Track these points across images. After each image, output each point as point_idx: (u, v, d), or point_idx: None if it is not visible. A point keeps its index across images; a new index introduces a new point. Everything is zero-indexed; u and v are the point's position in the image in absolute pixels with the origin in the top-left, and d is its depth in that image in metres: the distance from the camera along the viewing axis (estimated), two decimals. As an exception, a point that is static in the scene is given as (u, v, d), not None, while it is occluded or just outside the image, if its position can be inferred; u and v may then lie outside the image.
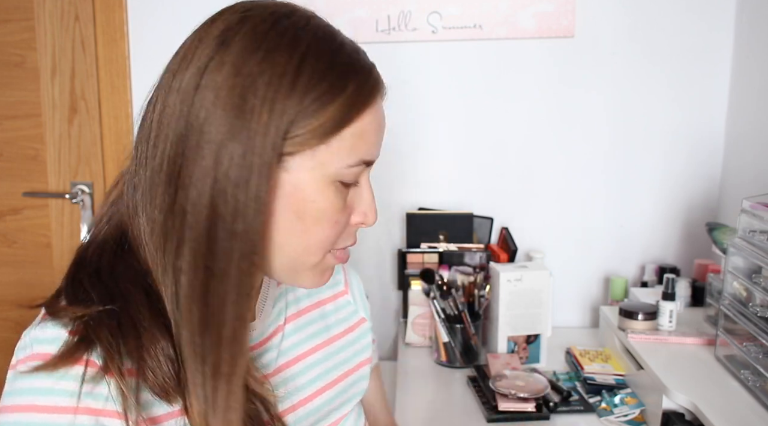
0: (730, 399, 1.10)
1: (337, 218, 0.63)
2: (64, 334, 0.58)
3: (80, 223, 1.82)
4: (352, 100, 0.60)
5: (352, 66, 0.62)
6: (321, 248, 0.64)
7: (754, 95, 1.51)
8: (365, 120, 0.62)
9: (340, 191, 0.63)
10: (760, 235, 1.14)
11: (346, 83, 0.60)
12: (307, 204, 0.61)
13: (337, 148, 0.61)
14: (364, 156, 0.63)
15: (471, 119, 1.69)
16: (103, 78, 1.75)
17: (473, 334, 1.45)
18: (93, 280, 0.62)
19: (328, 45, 0.61)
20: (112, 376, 0.57)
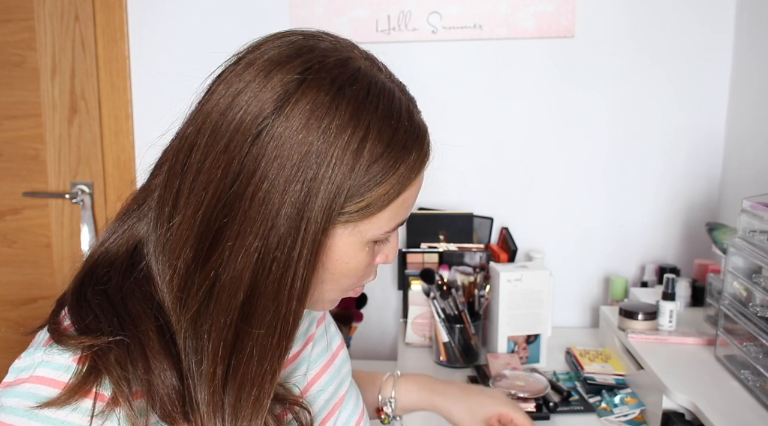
0: (730, 399, 1.10)
1: (364, 274, 0.65)
2: (72, 362, 0.56)
3: (80, 223, 1.82)
4: (404, 178, 0.61)
5: (408, 141, 0.61)
6: (344, 293, 0.67)
7: (754, 95, 1.51)
8: (411, 190, 0.63)
9: (371, 249, 0.64)
10: (760, 235, 1.14)
11: (401, 161, 0.60)
12: (339, 264, 0.62)
13: (380, 218, 0.61)
14: (401, 220, 0.64)
15: (471, 119, 1.69)
16: (103, 78, 1.75)
17: (473, 334, 1.45)
18: (101, 301, 0.60)
19: (387, 120, 0.59)
20: (122, 408, 0.55)
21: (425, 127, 0.65)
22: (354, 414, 0.81)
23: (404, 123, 0.61)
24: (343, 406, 0.79)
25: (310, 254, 0.58)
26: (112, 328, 0.57)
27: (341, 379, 0.81)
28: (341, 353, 0.85)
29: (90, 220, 1.81)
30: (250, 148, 0.56)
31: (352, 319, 1.51)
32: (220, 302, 0.57)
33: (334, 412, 0.77)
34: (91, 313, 0.59)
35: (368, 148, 0.57)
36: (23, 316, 1.88)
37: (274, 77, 0.57)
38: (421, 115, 0.66)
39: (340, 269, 0.62)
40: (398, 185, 0.60)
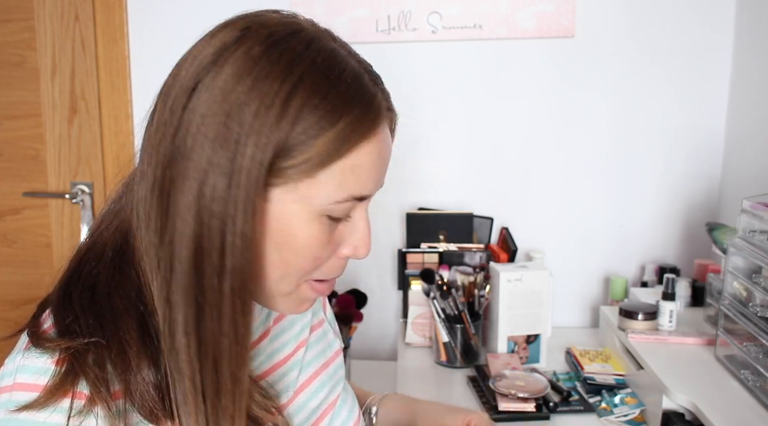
0: (730, 399, 1.10)
1: (318, 253, 0.60)
2: (50, 364, 0.56)
3: (80, 223, 1.82)
4: (344, 134, 0.56)
5: (348, 97, 0.57)
6: (295, 279, 0.61)
7: (754, 95, 1.51)
8: (359, 154, 0.58)
9: (327, 226, 0.59)
10: (760, 235, 1.14)
11: (339, 116, 0.56)
12: (287, 237, 0.58)
13: (325, 182, 0.57)
14: (355, 191, 0.59)
15: (471, 119, 1.69)
16: (103, 78, 1.75)
17: (473, 334, 1.44)
18: (86, 300, 0.59)
19: (325, 73, 0.57)
20: (100, 407, 0.55)
21: (378, 94, 0.60)
22: (349, 420, 0.81)
23: (347, 80, 0.57)
24: (336, 411, 0.79)
25: (247, 213, 0.55)
26: (91, 328, 0.57)
27: (334, 383, 0.81)
28: (338, 359, 0.84)
29: (90, 220, 1.81)
30: (187, 103, 0.56)
31: (352, 319, 1.51)
32: (176, 280, 0.56)
33: (325, 416, 0.77)
34: (72, 314, 0.58)
35: (299, 97, 0.55)
36: (23, 316, 1.85)
37: (217, 35, 0.58)
38: (379, 89, 0.61)
39: (287, 242, 0.58)
40: (337, 143, 0.56)
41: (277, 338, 0.75)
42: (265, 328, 0.75)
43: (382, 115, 0.60)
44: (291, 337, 0.77)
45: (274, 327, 0.75)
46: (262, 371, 0.71)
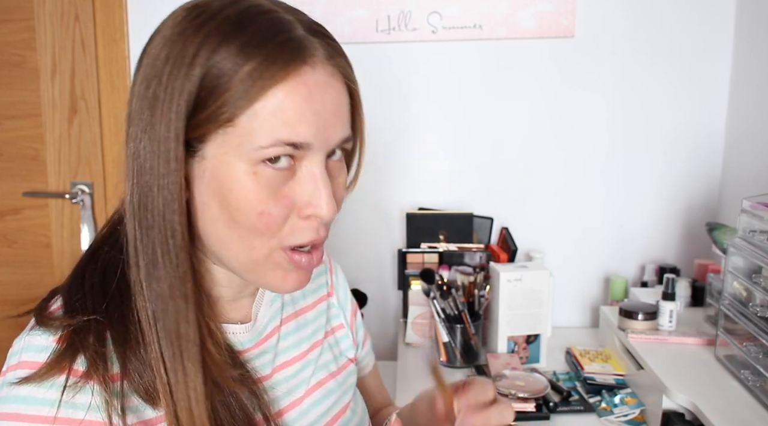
0: (730, 399, 1.10)
1: (262, 208, 0.58)
2: (52, 342, 0.58)
3: (80, 223, 1.82)
4: (255, 74, 0.56)
5: (258, 40, 0.56)
6: (259, 243, 0.60)
7: (754, 95, 1.51)
8: (277, 96, 0.57)
9: (265, 177, 0.58)
10: (760, 235, 1.14)
11: (247, 58, 0.56)
12: (225, 192, 0.58)
13: (247, 128, 0.57)
14: (283, 136, 0.57)
15: (471, 119, 1.69)
16: (103, 78, 1.75)
17: (473, 334, 1.45)
18: (96, 280, 0.62)
19: (236, 23, 0.57)
20: (95, 382, 0.56)
21: (303, 39, 0.59)
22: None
23: (260, 26, 0.57)
24: (344, 421, 0.79)
25: (170, 168, 0.57)
26: (96, 306, 0.59)
27: (343, 391, 0.81)
28: (349, 367, 0.84)
29: (90, 220, 1.81)
30: (137, 69, 0.60)
31: (352, 319, 1.51)
32: (131, 244, 0.59)
33: (334, 422, 0.77)
34: (81, 293, 0.60)
35: (208, 48, 0.56)
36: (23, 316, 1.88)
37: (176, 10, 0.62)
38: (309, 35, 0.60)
39: (227, 198, 0.58)
40: (248, 84, 0.56)
41: (288, 336, 0.76)
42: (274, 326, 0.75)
43: (305, 57, 0.58)
44: (305, 337, 0.78)
45: (282, 327, 0.76)
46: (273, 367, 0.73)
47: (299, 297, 0.81)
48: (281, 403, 0.72)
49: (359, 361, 0.91)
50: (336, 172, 0.64)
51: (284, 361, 0.75)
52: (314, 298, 0.84)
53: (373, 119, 0.79)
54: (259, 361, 0.72)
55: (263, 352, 0.73)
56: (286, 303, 0.79)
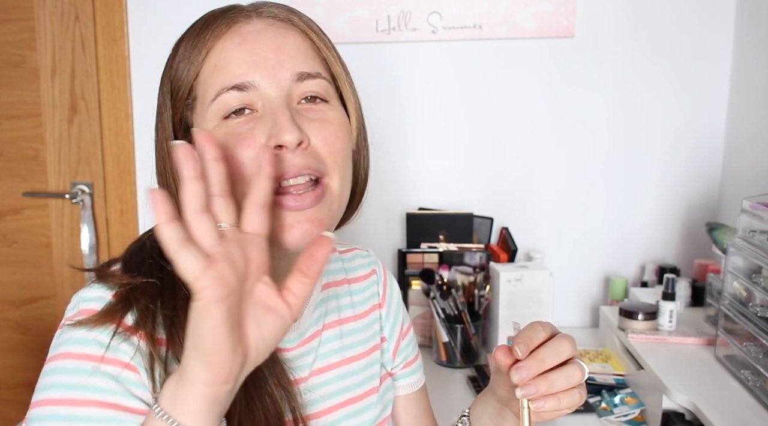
0: (730, 399, 1.10)
1: (231, 154, 0.60)
2: (109, 295, 0.62)
3: (80, 223, 1.82)
4: (195, 43, 0.64)
5: (203, 20, 0.66)
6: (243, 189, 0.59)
7: (754, 95, 1.51)
8: (214, 53, 0.64)
9: (226, 127, 0.63)
10: (760, 235, 1.14)
11: (190, 39, 0.65)
12: None
13: (202, 93, 0.64)
14: (224, 83, 0.62)
15: (471, 119, 1.69)
16: (103, 78, 1.75)
17: (473, 334, 1.44)
18: (155, 246, 0.63)
19: (199, 20, 0.67)
20: (142, 338, 0.60)
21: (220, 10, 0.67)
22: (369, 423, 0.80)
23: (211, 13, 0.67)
24: (359, 408, 0.78)
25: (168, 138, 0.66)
26: (153, 269, 0.63)
27: (384, 404, 0.81)
28: (387, 380, 0.84)
29: (90, 220, 1.81)
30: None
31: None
32: None
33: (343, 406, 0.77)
34: (141, 256, 0.65)
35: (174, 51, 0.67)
36: (23, 316, 1.88)
37: None
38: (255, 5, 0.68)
39: None
40: (192, 53, 0.65)
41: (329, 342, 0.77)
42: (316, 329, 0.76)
43: (237, 16, 0.65)
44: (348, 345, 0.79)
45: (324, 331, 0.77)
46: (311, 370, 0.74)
47: (345, 305, 0.81)
48: (315, 407, 0.72)
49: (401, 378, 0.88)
50: (313, 113, 0.65)
51: (323, 365, 0.75)
52: (363, 308, 0.83)
53: (373, 119, 0.79)
54: (298, 361, 0.72)
55: (303, 354, 0.73)
56: (331, 309, 0.78)
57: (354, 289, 0.83)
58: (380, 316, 0.84)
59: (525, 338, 0.62)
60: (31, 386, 0.61)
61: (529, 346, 0.61)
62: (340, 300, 0.80)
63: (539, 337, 0.62)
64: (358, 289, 0.83)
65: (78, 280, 1.84)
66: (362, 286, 0.84)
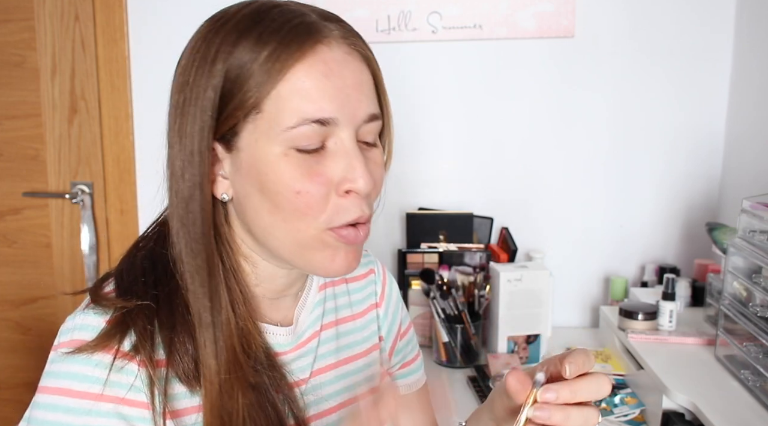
0: (730, 399, 1.10)
1: (299, 188, 0.59)
2: (103, 322, 0.61)
3: (80, 223, 1.82)
4: (273, 58, 0.58)
5: (274, 27, 0.59)
6: (302, 223, 0.61)
7: (754, 95, 1.51)
8: (297, 76, 0.59)
9: (298, 159, 0.60)
10: (760, 235, 1.14)
11: (264, 44, 0.59)
12: (262, 177, 0.60)
13: (274, 111, 0.59)
14: (308, 114, 0.59)
15: (471, 119, 1.69)
16: (103, 78, 1.75)
17: (473, 334, 1.45)
18: (147, 263, 0.65)
19: (251, 18, 0.60)
20: (140, 364, 0.59)
21: (314, 19, 0.62)
22: None
23: (273, 15, 0.60)
24: None
25: (194, 163, 0.61)
26: (148, 289, 0.62)
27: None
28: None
29: (90, 220, 1.81)
30: (172, 82, 0.64)
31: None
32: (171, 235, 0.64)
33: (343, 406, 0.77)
34: (133, 275, 0.64)
35: (228, 44, 0.60)
36: (23, 316, 1.88)
37: None
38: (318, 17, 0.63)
39: (268, 185, 0.60)
40: (268, 68, 0.59)
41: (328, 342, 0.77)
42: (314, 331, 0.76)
43: (319, 37, 0.61)
44: (345, 346, 0.79)
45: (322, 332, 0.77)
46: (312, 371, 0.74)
47: (343, 305, 0.80)
48: (317, 408, 0.72)
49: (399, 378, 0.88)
50: (369, 152, 0.64)
51: (323, 366, 0.75)
52: (361, 307, 0.83)
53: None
54: (297, 364, 0.72)
55: (302, 355, 0.73)
56: (328, 310, 0.78)
57: (352, 288, 0.83)
58: (378, 315, 0.84)
59: (578, 361, 0.59)
60: (31, 386, 0.61)
61: (579, 372, 0.59)
62: (338, 300, 0.80)
63: (588, 367, 0.60)
64: (356, 289, 0.83)
65: (78, 281, 1.84)
66: (360, 285, 0.84)
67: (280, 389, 0.66)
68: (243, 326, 0.65)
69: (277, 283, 0.70)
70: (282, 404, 0.66)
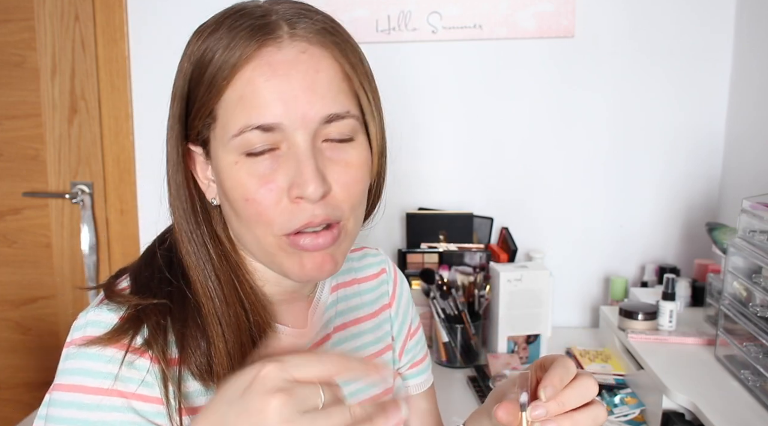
0: (730, 399, 1.10)
1: (248, 195, 0.59)
2: (116, 319, 0.61)
3: (80, 223, 1.82)
4: (221, 63, 0.59)
5: (227, 30, 0.59)
6: (259, 230, 0.61)
7: (754, 95, 1.51)
8: (242, 81, 0.58)
9: (248, 165, 0.59)
10: (760, 235, 1.14)
11: (215, 51, 0.59)
12: (223, 185, 0.62)
13: (224, 119, 0.60)
14: (250, 121, 0.58)
15: (471, 119, 1.69)
16: (103, 78, 1.75)
17: (473, 334, 1.44)
18: (165, 259, 0.66)
19: (215, 21, 0.62)
20: (152, 360, 0.60)
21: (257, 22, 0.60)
22: None
23: (235, 17, 0.60)
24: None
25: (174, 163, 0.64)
26: (163, 285, 0.63)
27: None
28: (397, 379, 0.84)
29: (90, 220, 1.81)
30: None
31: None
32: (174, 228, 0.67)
33: None
34: (150, 270, 0.65)
35: (192, 44, 0.62)
36: (23, 316, 1.88)
37: None
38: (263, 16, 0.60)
39: (227, 192, 0.62)
40: (211, 80, 0.59)
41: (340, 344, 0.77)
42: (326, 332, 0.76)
43: (266, 39, 0.59)
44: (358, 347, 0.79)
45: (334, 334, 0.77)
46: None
47: (355, 306, 0.80)
48: None
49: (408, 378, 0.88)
50: (336, 152, 0.62)
51: None
52: (373, 308, 0.82)
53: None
54: None
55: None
56: (340, 312, 0.78)
57: (363, 288, 0.82)
58: (389, 315, 0.84)
59: (554, 381, 0.57)
60: (31, 386, 0.61)
61: (557, 390, 0.57)
62: (350, 301, 0.80)
63: (568, 377, 0.58)
64: (367, 289, 0.83)
65: (78, 281, 1.84)
66: (371, 285, 0.83)
67: None
68: (256, 322, 0.65)
69: (284, 284, 0.69)
70: None
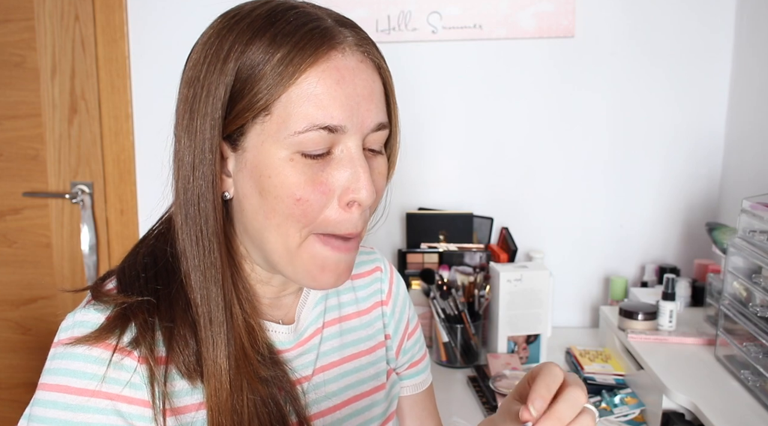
0: (730, 399, 1.10)
1: (300, 194, 0.59)
2: (103, 319, 0.61)
3: (80, 223, 1.82)
4: (286, 61, 0.58)
5: (288, 30, 0.59)
6: (293, 228, 0.61)
7: (754, 95, 1.51)
8: (309, 81, 0.59)
9: (303, 164, 0.60)
10: (760, 235, 1.14)
11: (278, 46, 0.59)
12: (265, 180, 0.60)
13: (283, 115, 0.59)
14: (317, 120, 0.58)
15: (471, 119, 1.69)
16: (103, 78, 1.75)
17: (473, 334, 1.45)
18: (149, 260, 0.65)
19: (266, 18, 0.60)
20: (139, 360, 0.59)
21: (330, 25, 0.61)
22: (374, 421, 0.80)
23: (288, 18, 0.60)
24: (365, 405, 0.78)
25: (205, 161, 0.60)
26: (149, 284, 0.63)
27: (390, 400, 0.81)
28: (393, 376, 0.84)
29: (90, 220, 1.81)
30: (181, 77, 0.64)
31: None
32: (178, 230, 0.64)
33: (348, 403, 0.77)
34: (135, 270, 0.64)
35: (240, 43, 0.60)
36: (23, 316, 1.88)
37: None
38: (335, 22, 0.62)
39: (269, 188, 0.60)
40: (279, 71, 0.58)
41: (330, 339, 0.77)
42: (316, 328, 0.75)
43: (333, 43, 0.60)
44: (349, 343, 0.79)
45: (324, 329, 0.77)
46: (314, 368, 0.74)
47: (347, 302, 0.80)
48: (320, 405, 0.72)
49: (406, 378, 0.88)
50: (374, 161, 0.64)
51: (326, 363, 0.74)
52: (366, 304, 0.82)
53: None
54: (299, 361, 0.71)
55: (304, 353, 0.73)
56: (331, 307, 0.78)
57: (357, 284, 0.82)
58: (384, 313, 0.84)
59: (542, 391, 0.57)
60: (31, 386, 0.61)
61: (546, 400, 0.57)
62: (341, 296, 0.80)
63: (555, 387, 0.58)
64: (360, 286, 0.83)
65: (78, 281, 1.84)
66: (364, 282, 0.84)
67: (282, 387, 0.66)
68: (249, 323, 0.65)
69: (273, 282, 0.70)
70: (284, 403, 0.66)
